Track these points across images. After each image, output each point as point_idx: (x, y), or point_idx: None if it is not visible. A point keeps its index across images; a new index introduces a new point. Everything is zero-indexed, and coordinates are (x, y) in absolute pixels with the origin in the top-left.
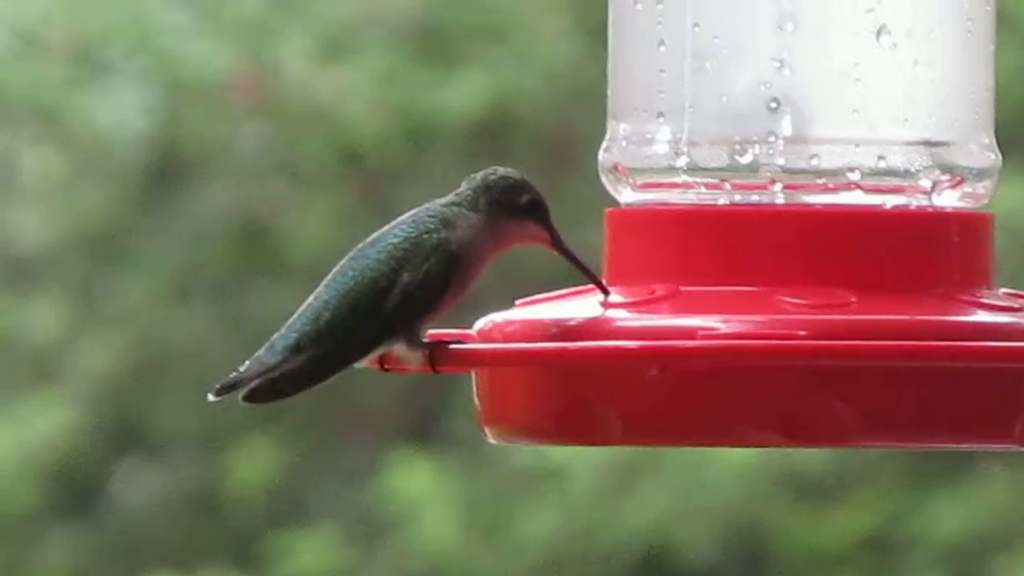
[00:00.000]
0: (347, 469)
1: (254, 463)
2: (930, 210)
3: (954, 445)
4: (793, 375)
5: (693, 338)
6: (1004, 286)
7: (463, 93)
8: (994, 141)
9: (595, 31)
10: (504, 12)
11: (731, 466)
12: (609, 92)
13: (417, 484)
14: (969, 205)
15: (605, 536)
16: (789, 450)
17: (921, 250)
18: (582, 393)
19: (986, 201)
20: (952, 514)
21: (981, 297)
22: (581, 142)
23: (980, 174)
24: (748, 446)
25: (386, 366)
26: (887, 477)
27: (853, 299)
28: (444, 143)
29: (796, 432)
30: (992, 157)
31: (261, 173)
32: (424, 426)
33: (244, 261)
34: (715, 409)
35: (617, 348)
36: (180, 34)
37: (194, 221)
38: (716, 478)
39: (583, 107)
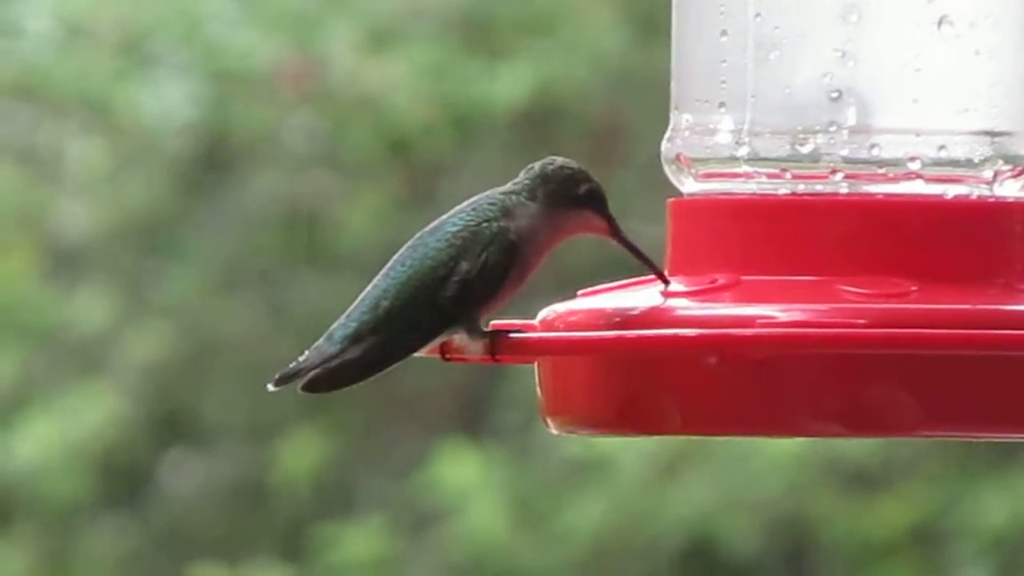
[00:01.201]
0: (394, 460)
1: (301, 453)
2: (991, 200)
3: (1015, 435)
4: (853, 364)
5: (752, 327)
6: None
7: (509, 84)
8: None
9: (641, 21)
10: (549, 2)
11: (776, 457)
12: (672, 83)
13: (464, 475)
14: None
15: (650, 527)
16: (834, 440)
17: (982, 240)
18: (643, 383)
19: None
20: (998, 505)
21: None
22: (627, 132)
23: None
24: (809, 436)
25: (447, 356)
26: (933, 468)
27: (913, 288)
28: (490, 134)
29: (857, 422)
30: None
31: (307, 164)
32: (471, 417)
33: (291, 252)
34: (775, 399)
35: (676, 336)
36: (227, 24)
37: (241, 212)
38: (761, 469)
39: (629, 97)
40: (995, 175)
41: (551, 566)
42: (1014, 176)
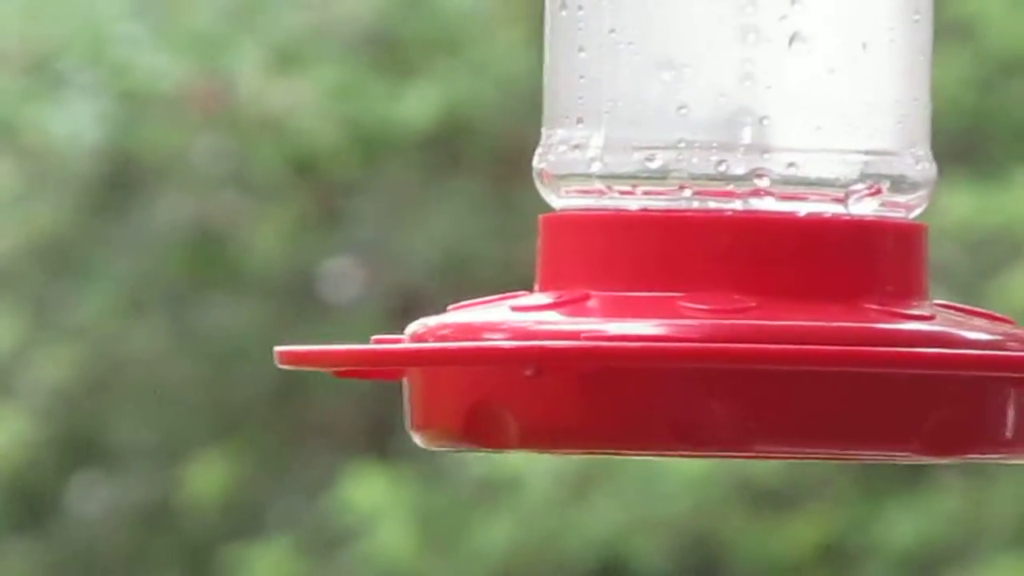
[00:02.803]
0: (303, 481)
1: (209, 475)
2: (846, 218)
3: (852, 454)
4: (682, 379)
5: (575, 339)
6: (957, 297)
7: (416, 104)
8: (928, 152)
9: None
10: (457, 23)
11: (685, 476)
12: (544, 100)
13: (372, 496)
14: (899, 215)
15: (559, 546)
16: (743, 460)
17: (835, 259)
18: (481, 397)
19: (919, 211)
20: (907, 524)
21: (902, 307)
22: (533, 151)
23: (906, 184)
24: (642, 452)
25: (339, 372)
26: (842, 487)
27: (753, 304)
28: (397, 155)
29: (687, 438)
30: (922, 167)
31: (216, 184)
32: (380, 438)
33: (199, 272)
34: (606, 413)
35: (494, 348)
36: (135, 45)
37: (148, 232)
38: (670, 488)
39: (535, 116)
40: (848, 194)
41: None
42: (870, 195)
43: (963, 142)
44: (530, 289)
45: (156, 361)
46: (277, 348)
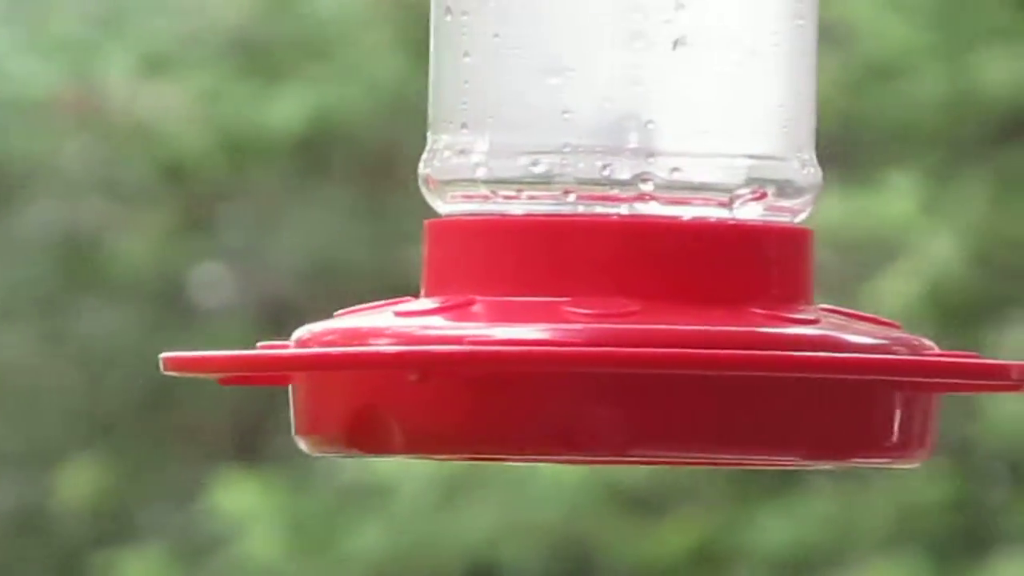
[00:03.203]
0: (174, 487)
1: (81, 481)
2: (731, 223)
3: (738, 459)
4: (567, 384)
5: (460, 344)
6: (829, 300)
7: (286, 109)
8: (813, 156)
9: (416, 46)
10: (327, 28)
11: (558, 481)
12: (429, 105)
13: (243, 502)
14: (785, 219)
15: (431, 552)
16: (616, 465)
17: (719, 263)
18: (368, 402)
19: (804, 216)
20: (779, 528)
21: (788, 312)
22: (404, 157)
23: (791, 188)
24: (526, 457)
25: (223, 379)
26: (714, 490)
27: (636, 309)
28: (268, 160)
29: (572, 442)
30: (807, 172)
31: (85, 190)
32: (251, 444)
33: (69, 279)
34: (489, 418)
35: (379, 354)
36: (3, 51)
37: (17, 239)
38: (543, 492)
39: (406, 122)
40: (733, 198)
41: None
42: (755, 199)
43: (834, 146)
44: (412, 294)
45: (27, 367)
46: (163, 354)
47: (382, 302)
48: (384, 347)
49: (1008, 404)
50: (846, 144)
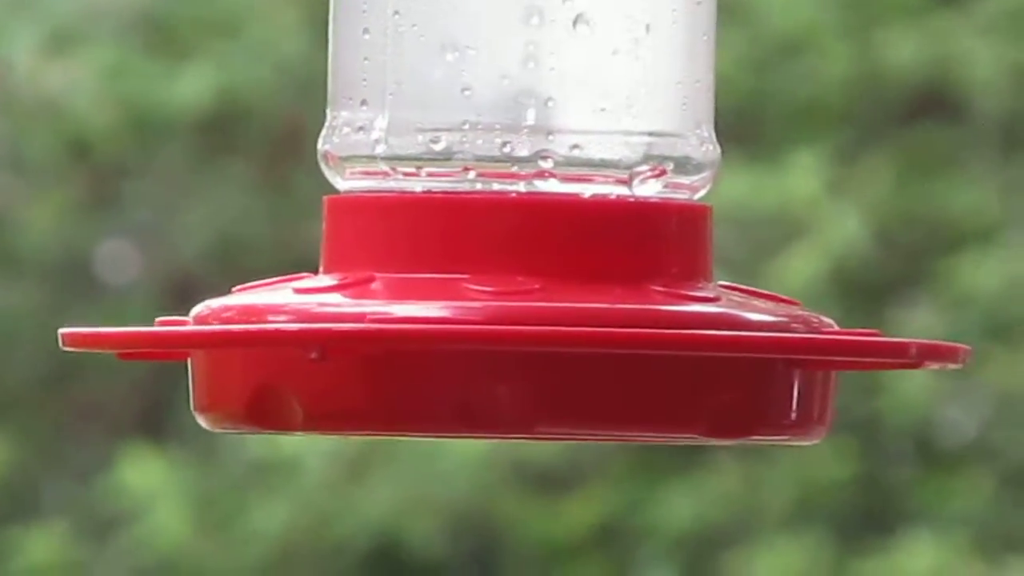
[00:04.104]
0: (78, 464)
1: None
2: (631, 200)
3: (637, 436)
4: (466, 362)
5: (361, 322)
6: (734, 278)
7: (191, 86)
8: (712, 133)
9: (323, 23)
10: (233, 4)
11: (462, 457)
12: (328, 81)
13: (148, 478)
14: (684, 196)
15: (336, 528)
16: (520, 441)
17: (620, 241)
18: (265, 379)
19: (703, 193)
20: (683, 506)
21: (687, 289)
22: (309, 134)
23: (690, 165)
24: (426, 435)
25: (122, 354)
26: (619, 468)
27: (537, 286)
28: (173, 136)
29: (471, 420)
30: (706, 149)
31: None
32: (155, 420)
33: None
34: (390, 396)
35: (277, 331)
36: None
37: None
38: (448, 469)
39: (312, 99)
40: (631, 176)
41: (237, 568)
42: (654, 176)
43: (739, 123)
44: (311, 271)
45: None
46: (61, 330)
47: (280, 278)
48: (283, 324)
49: (913, 381)
50: (752, 122)
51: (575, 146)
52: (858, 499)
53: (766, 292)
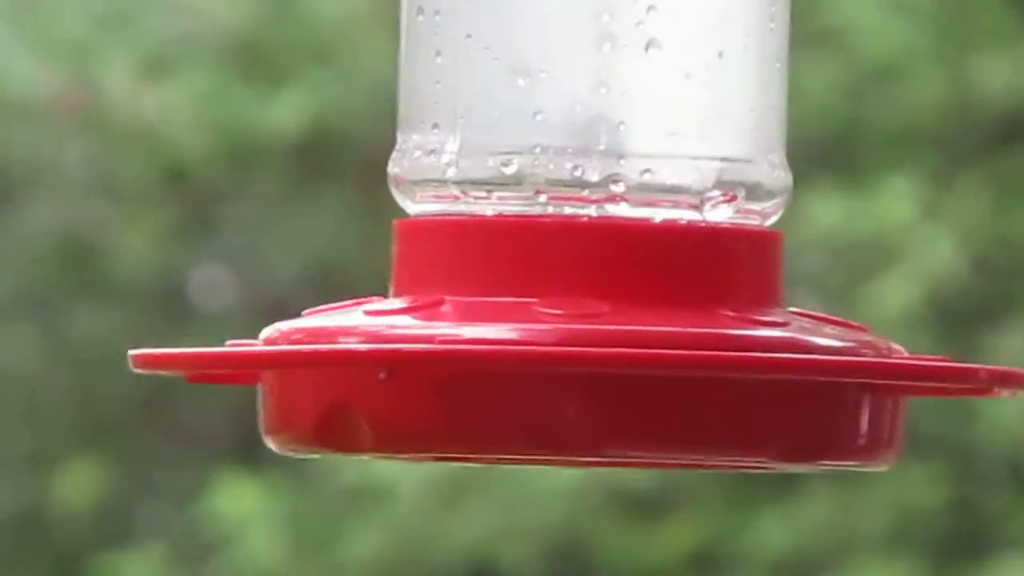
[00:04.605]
0: (173, 489)
1: (79, 484)
2: (702, 225)
3: (706, 460)
4: (536, 384)
5: (430, 343)
6: (828, 303)
7: (286, 111)
8: (784, 159)
9: None
10: (327, 30)
11: (557, 483)
12: (399, 105)
13: (242, 504)
14: (755, 222)
15: (431, 554)
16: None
17: (689, 266)
18: (336, 401)
19: (774, 219)
20: (777, 532)
21: (757, 314)
22: None
23: (761, 191)
24: (496, 458)
25: (191, 378)
26: (713, 494)
27: (607, 310)
28: (267, 162)
29: (541, 442)
30: (777, 175)
31: (86, 192)
32: (250, 445)
33: (68, 280)
34: (458, 417)
35: (346, 351)
36: (3, 52)
37: (18, 241)
38: (542, 495)
39: None
40: (703, 200)
41: None
42: (725, 202)
43: (833, 149)
44: (381, 294)
45: (26, 369)
46: (131, 351)
47: (351, 301)
48: (353, 345)
49: (1008, 406)
50: (846, 147)
51: (646, 170)
52: (952, 525)
53: (836, 318)
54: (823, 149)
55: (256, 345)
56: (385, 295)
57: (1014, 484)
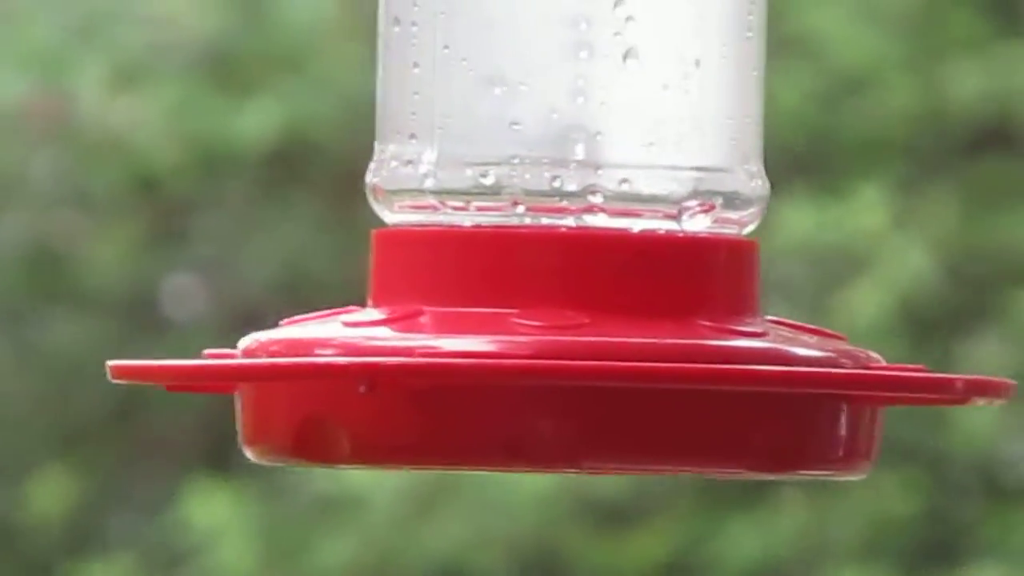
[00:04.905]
0: (144, 498)
1: (49, 493)
2: (680, 235)
3: (684, 470)
4: (515, 396)
5: (410, 355)
6: (799, 312)
7: (257, 121)
8: (761, 168)
9: None
10: (298, 39)
11: (528, 492)
12: (376, 115)
13: (214, 512)
14: (732, 231)
15: (402, 563)
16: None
17: (668, 275)
18: (314, 412)
19: (752, 228)
20: (750, 540)
21: (735, 324)
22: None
23: (739, 200)
24: (475, 468)
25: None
26: (685, 502)
27: (585, 321)
28: (239, 171)
29: (519, 454)
30: (755, 184)
31: (56, 202)
32: (221, 454)
33: (39, 290)
34: (437, 429)
35: (325, 364)
36: None
37: None
38: (514, 504)
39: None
40: (681, 210)
41: None
42: (703, 211)
43: (805, 157)
44: (358, 304)
45: None
46: (110, 362)
47: (328, 311)
48: (331, 358)
49: (980, 415)
50: (817, 155)
51: (624, 180)
52: (925, 533)
53: (814, 327)
54: (794, 157)
55: (234, 357)
56: (362, 304)
57: (987, 492)
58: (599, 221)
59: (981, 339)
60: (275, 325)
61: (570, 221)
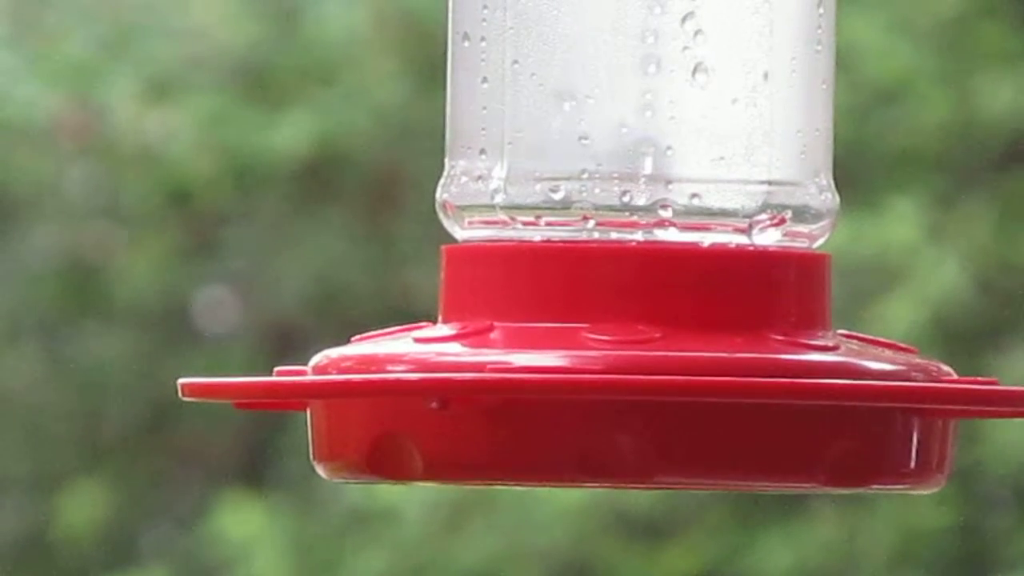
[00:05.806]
0: (177, 511)
1: (83, 506)
2: (750, 249)
3: (758, 485)
4: (587, 411)
5: (482, 371)
6: (834, 325)
7: (290, 134)
8: (831, 181)
9: (422, 71)
10: (331, 52)
11: (562, 506)
12: (447, 131)
13: (247, 525)
14: (803, 245)
15: None
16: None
17: (739, 289)
18: (387, 429)
19: (822, 241)
20: (782, 553)
21: (806, 338)
22: (409, 182)
23: (808, 214)
24: (546, 484)
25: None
26: (718, 516)
27: (658, 335)
28: (272, 184)
29: (592, 469)
30: (825, 197)
31: (89, 215)
32: (255, 467)
33: (72, 303)
34: (510, 445)
35: (398, 381)
36: (6, 74)
37: (22, 264)
38: (547, 518)
39: (411, 147)
40: (751, 224)
41: None
42: (774, 225)
43: (838, 170)
44: (430, 320)
45: (30, 391)
46: (181, 380)
47: (398, 328)
48: (404, 374)
49: (1012, 430)
50: (850, 169)
51: (694, 195)
52: (957, 546)
53: (884, 340)
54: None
55: (305, 374)
56: (432, 320)
57: (1019, 505)
58: (669, 235)
59: (1014, 352)
60: (309, 338)
61: (640, 236)
